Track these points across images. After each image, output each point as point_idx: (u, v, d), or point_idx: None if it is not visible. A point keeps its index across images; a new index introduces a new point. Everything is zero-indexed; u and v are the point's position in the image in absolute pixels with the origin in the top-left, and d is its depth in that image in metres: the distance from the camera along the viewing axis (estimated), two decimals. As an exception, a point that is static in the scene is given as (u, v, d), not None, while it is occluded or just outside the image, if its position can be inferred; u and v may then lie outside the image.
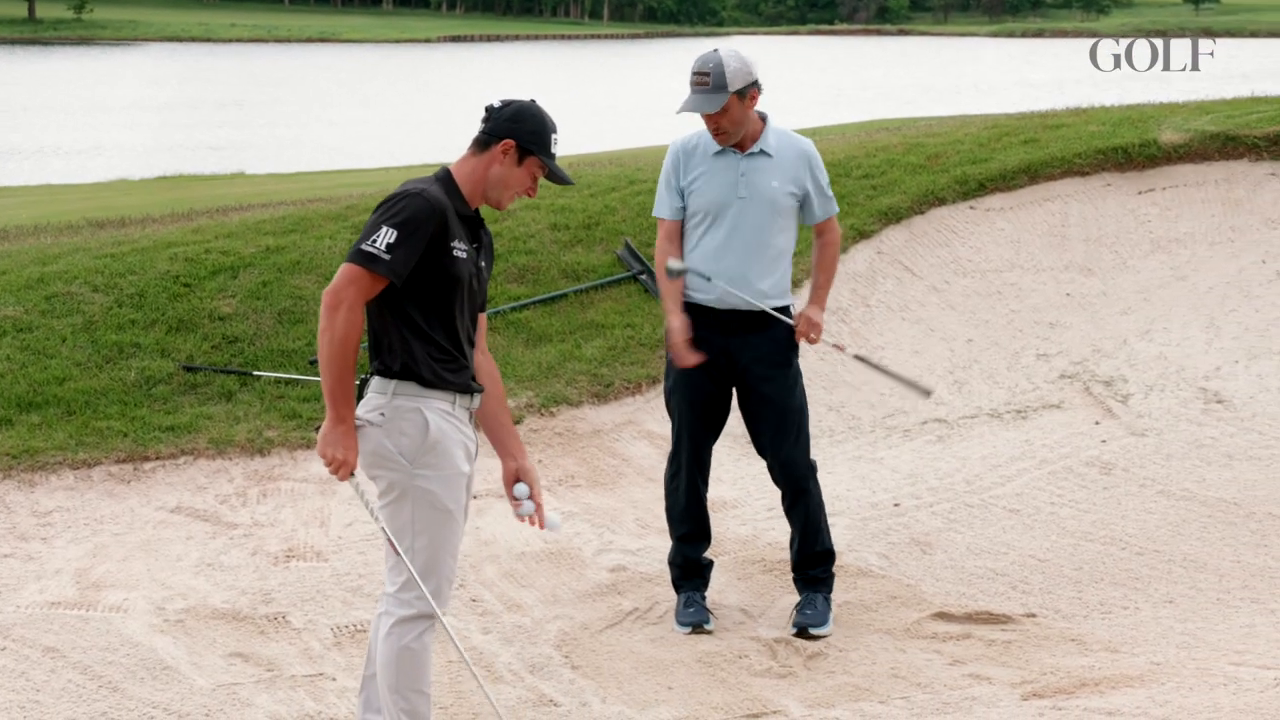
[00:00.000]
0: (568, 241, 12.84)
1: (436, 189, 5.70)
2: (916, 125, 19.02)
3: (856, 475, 9.85)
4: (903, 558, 8.55)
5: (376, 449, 5.70)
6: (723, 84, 7.32)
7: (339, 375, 5.52)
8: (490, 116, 5.83)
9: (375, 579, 8.17)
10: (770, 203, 7.49)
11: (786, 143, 7.59)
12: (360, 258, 5.51)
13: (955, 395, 11.28)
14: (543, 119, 5.86)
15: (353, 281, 5.52)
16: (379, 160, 36.83)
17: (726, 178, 7.51)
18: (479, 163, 5.82)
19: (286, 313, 11.54)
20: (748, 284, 7.50)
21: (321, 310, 5.55)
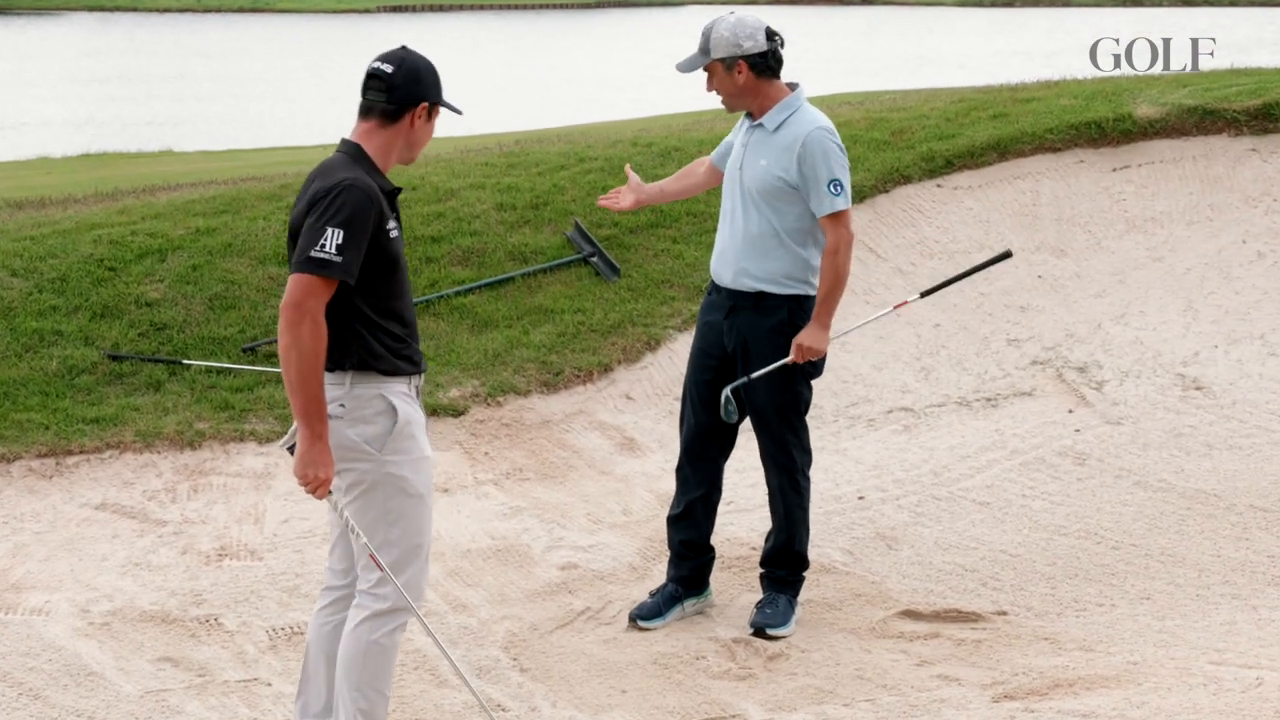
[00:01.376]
0: (514, 222, 12.82)
1: (363, 174, 5.74)
2: (880, 99, 19.03)
3: (819, 467, 9.83)
4: (867, 553, 8.58)
5: (341, 441, 5.74)
6: (706, 48, 7.46)
7: (314, 391, 5.57)
8: (389, 85, 5.84)
9: (313, 579, 8.15)
10: (757, 179, 7.46)
11: (789, 122, 7.48)
12: (313, 265, 5.55)
13: (922, 383, 11.31)
14: (432, 66, 5.97)
15: (311, 292, 5.55)
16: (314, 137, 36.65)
17: (738, 147, 7.65)
18: (393, 134, 5.89)
19: (218, 298, 11.49)
20: (732, 262, 7.55)
21: (282, 326, 5.56)
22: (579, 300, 11.84)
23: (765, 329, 7.53)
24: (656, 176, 13.22)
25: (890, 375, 11.42)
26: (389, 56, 5.90)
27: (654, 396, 10.95)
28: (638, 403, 10.91)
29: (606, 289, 11.97)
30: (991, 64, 52.68)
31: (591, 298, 11.90)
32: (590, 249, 12.29)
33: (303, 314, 5.53)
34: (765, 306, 7.53)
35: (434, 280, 11.97)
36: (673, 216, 12.94)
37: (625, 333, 11.46)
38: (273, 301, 11.48)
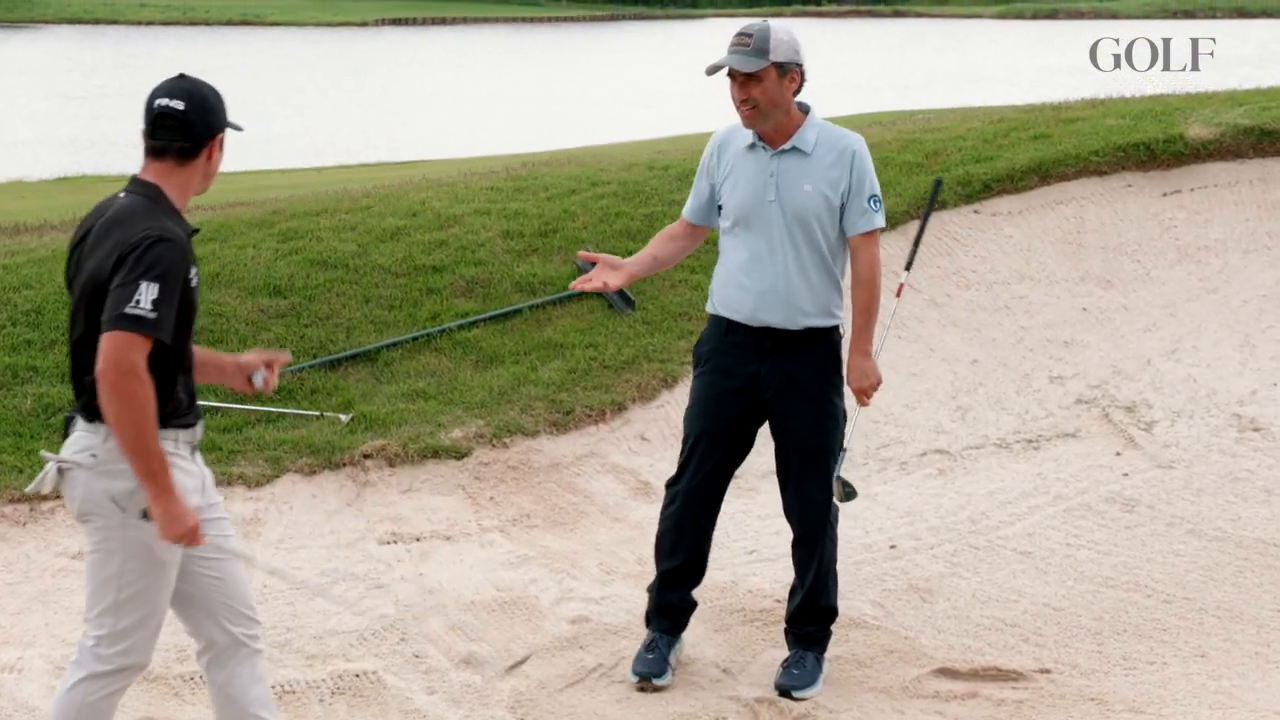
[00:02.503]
0: (521, 251, 12.85)
1: (165, 221, 5.74)
2: (913, 119, 19.08)
3: (847, 514, 9.83)
4: (900, 607, 8.56)
5: (86, 495, 5.77)
6: (764, 49, 7.27)
7: (155, 449, 5.61)
8: (184, 123, 5.82)
9: (305, 634, 8.15)
10: (799, 208, 7.39)
11: (827, 138, 7.47)
12: (130, 322, 5.55)
13: (959, 423, 11.31)
14: (217, 92, 5.98)
15: (131, 347, 5.55)
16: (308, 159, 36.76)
17: (756, 179, 7.44)
18: (188, 172, 5.90)
19: (204, 331, 11.50)
20: (784, 304, 7.45)
21: (107, 389, 5.55)
22: (591, 334, 11.85)
23: (814, 365, 7.54)
24: (675, 202, 13.27)
25: (924, 415, 11.41)
26: (174, 91, 5.86)
27: (670, 438, 10.94)
28: (653, 444, 10.91)
29: (620, 322, 11.98)
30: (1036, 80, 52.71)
31: (604, 332, 11.91)
32: (603, 279, 12.30)
33: (127, 374, 5.53)
34: (812, 341, 7.51)
35: (436, 313, 12.00)
36: (691, 245, 12.93)
37: (640, 369, 11.46)
38: (264, 335, 11.51)
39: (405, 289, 12.24)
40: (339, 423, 10.63)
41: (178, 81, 5.90)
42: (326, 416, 10.71)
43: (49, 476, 5.84)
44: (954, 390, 11.71)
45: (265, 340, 11.46)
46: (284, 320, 11.76)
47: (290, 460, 10.17)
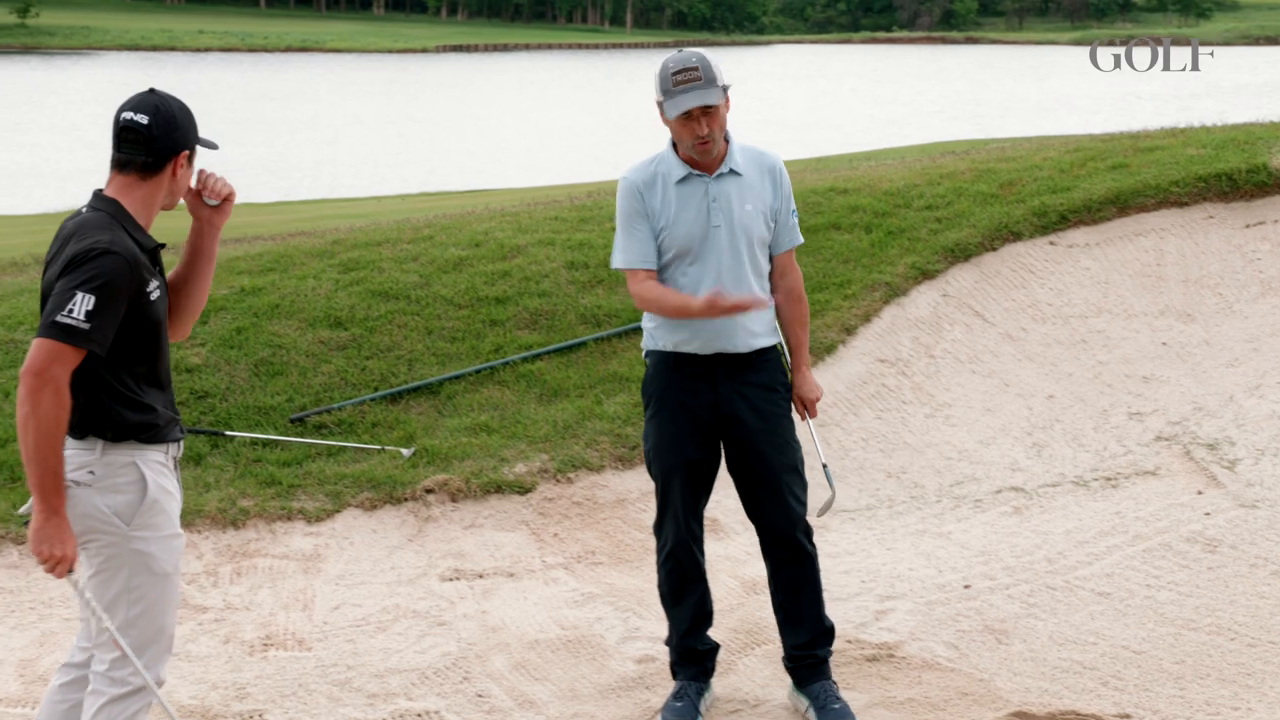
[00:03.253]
0: (586, 282, 12.88)
1: (120, 234, 5.81)
2: (987, 148, 19.05)
3: (920, 552, 9.84)
4: (975, 648, 8.53)
5: (88, 512, 5.86)
6: (714, 77, 7.31)
7: (51, 464, 5.68)
8: (147, 138, 5.92)
9: (367, 671, 8.19)
10: (745, 229, 7.47)
11: (752, 158, 7.59)
12: (59, 331, 5.63)
13: (1034, 460, 11.27)
14: (186, 108, 6.06)
15: (55, 358, 5.63)
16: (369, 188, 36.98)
17: (698, 208, 7.46)
18: (153, 187, 5.99)
19: (264, 364, 11.60)
20: (738, 328, 7.50)
21: (22, 393, 5.65)
22: (657, 368, 11.86)
23: (769, 385, 7.61)
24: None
25: (999, 452, 11.38)
26: (140, 105, 5.95)
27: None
28: (720, 480, 10.88)
29: (687, 355, 11.99)
30: (1115, 108, 52.53)
31: (670, 365, 11.91)
32: (669, 311, 12.33)
33: (44, 382, 5.62)
34: (761, 362, 7.59)
35: (499, 345, 12.05)
36: (760, 276, 12.96)
37: (707, 403, 11.45)
38: (324, 367, 11.59)
39: (468, 321, 12.30)
40: (401, 457, 10.68)
41: (146, 96, 5.99)
42: (388, 450, 10.77)
43: None
44: (1029, 426, 11.67)
45: (326, 373, 11.54)
46: (345, 352, 11.83)
47: (351, 495, 10.23)
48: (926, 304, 12.82)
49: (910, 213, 13.97)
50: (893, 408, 11.78)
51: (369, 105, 73.78)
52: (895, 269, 13.08)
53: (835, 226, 13.84)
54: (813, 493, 7.93)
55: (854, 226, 13.85)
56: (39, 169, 42.41)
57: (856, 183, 15.10)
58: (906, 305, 12.77)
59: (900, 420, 11.60)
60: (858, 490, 10.86)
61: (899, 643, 8.35)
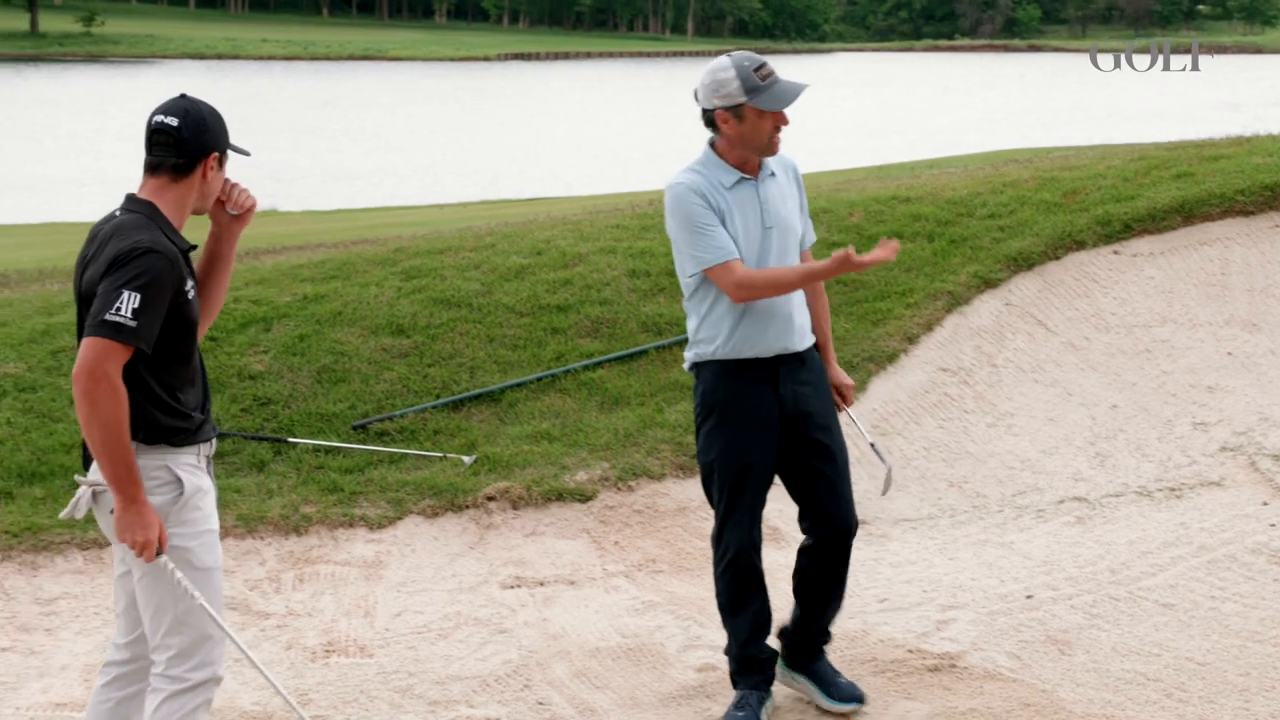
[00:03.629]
0: (648, 290, 12.90)
1: (159, 234, 5.91)
2: (1051, 156, 18.98)
3: (982, 562, 9.81)
4: (1037, 659, 8.50)
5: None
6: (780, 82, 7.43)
7: (122, 456, 5.79)
8: (176, 140, 6.01)
9: (428, 678, 8.21)
10: (791, 228, 7.60)
11: (778, 160, 7.67)
12: (108, 329, 5.73)
13: (1098, 470, 11.23)
14: (217, 112, 6.15)
15: (107, 356, 5.74)
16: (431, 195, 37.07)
17: (752, 211, 7.52)
18: (182, 188, 6.08)
19: (327, 371, 11.65)
20: (793, 323, 7.58)
21: (78, 395, 5.76)
22: (718, 376, 11.85)
23: (819, 377, 7.75)
24: (804, 241, 13.29)
25: (1061, 461, 11.34)
26: (171, 108, 6.06)
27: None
28: (781, 489, 10.85)
29: (748, 364, 11.98)
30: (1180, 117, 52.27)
31: (732, 373, 11.91)
32: (731, 320, 12.32)
33: (97, 380, 5.72)
34: (809, 361, 7.71)
35: (560, 353, 12.07)
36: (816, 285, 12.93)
37: (769, 412, 11.45)
38: (386, 374, 11.63)
39: (529, 328, 12.33)
40: (462, 464, 10.71)
41: (177, 100, 6.10)
42: (449, 458, 10.80)
43: (82, 501, 6.05)
44: (1093, 436, 11.63)
45: (388, 380, 11.58)
46: (406, 360, 11.87)
47: (413, 502, 10.27)
48: (989, 313, 12.79)
49: (973, 221, 13.93)
50: (955, 417, 11.75)
51: (431, 113, 74.01)
52: (958, 278, 13.05)
53: (897, 235, 13.81)
54: (862, 481, 7.92)
55: (916, 235, 13.82)
56: (104, 176, 42.66)
57: (919, 191, 15.07)
58: (969, 314, 12.73)
59: (962, 429, 11.56)
60: (919, 499, 10.84)
61: (961, 653, 8.33)
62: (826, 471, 7.66)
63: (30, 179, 43.63)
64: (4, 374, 11.40)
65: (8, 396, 11.16)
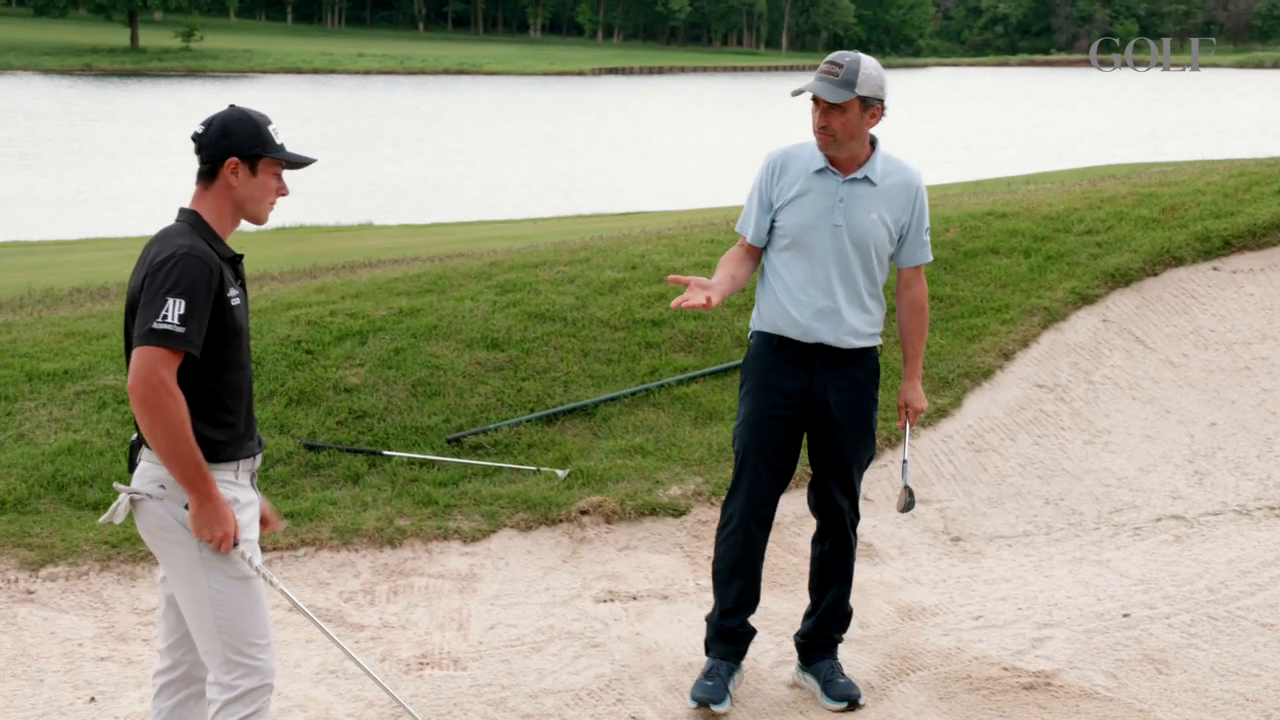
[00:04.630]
0: (742, 305, 12.89)
1: (199, 240, 5.99)
2: (1149, 172, 18.86)
3: (1078, 580, 9.75)
4: (1134, 678, 8.43)
5: (160, 522, 6.06)
6: (852, 81, 7.56)
7: (190, 457, 5.87)
8: (200, 144, 6.12)
9: (522, 691, 8.23)
10: (867, 234, 7.73)
11: (893, 170, 7.82)
12: (158, 337, 5.81)
13: (1196, 488, 11.14)
14: (250, 119, 6.17)
15: (160, 364, 5.82)
16: (526, 209, 37.18)
17: (823, 201, 7.73)
18: (215, 195, 6.14)
19: (421, 384, 11.71)
20: (838, 321, 7.77)
21: (137, 405, 5.83)
22: (812, 391, 11.83)
23: (862, 381, 7.91)
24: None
25: (1159, 479, 11.26)
26: (206, 118, 6.18)
27: (893, 497, 10.90)
28: (875, 504, 10.88)
29: (843, 379, 11.95)
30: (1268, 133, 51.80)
31: (826, 388, 11.89)
32: (825, 335, 12.30)
33: (154, 388, 5.79)
34: (859, 360, 7.87)
35: (654, 368, 12.08)
36: (916, 300, 12.91)
37: (863, 427, 11.43)
38: (480, 388, 11.68)
39: (624, 343, 12.35)
40: (556, 478, 10.74)
41: (218, 111, 6.19)
42: (543, 471, 10.83)
43: (121, 507, 6.12)
44: (1191, 454, 11.53)
45: (482, 394, 11.62)
46: (501, 373, 11.91)
47: (506, 515, 10.30)
48: (1086, 329, 12.72)
49: (1070, 237, 13.85)
50: (1051, 434, 11.69)
51: (525, 128, 74.26)
52: (1054, 294, 12.99)
53: (994, 251, 13.77)
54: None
55: (1013, 251, 13.77)
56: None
57: (1015, 207, 15.01)
58: (1066, 330, 12.67)
59: (1059, 446, 11.50)
60: (1015, 516, 10.78)
61: (1056, 671, 8.28)
62: (833, 466, 7.97)
63: (133, 191, 44.07)
64: (104, 385, 11.52)
65: (107, 408, 11.27)
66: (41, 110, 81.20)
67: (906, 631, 8.93)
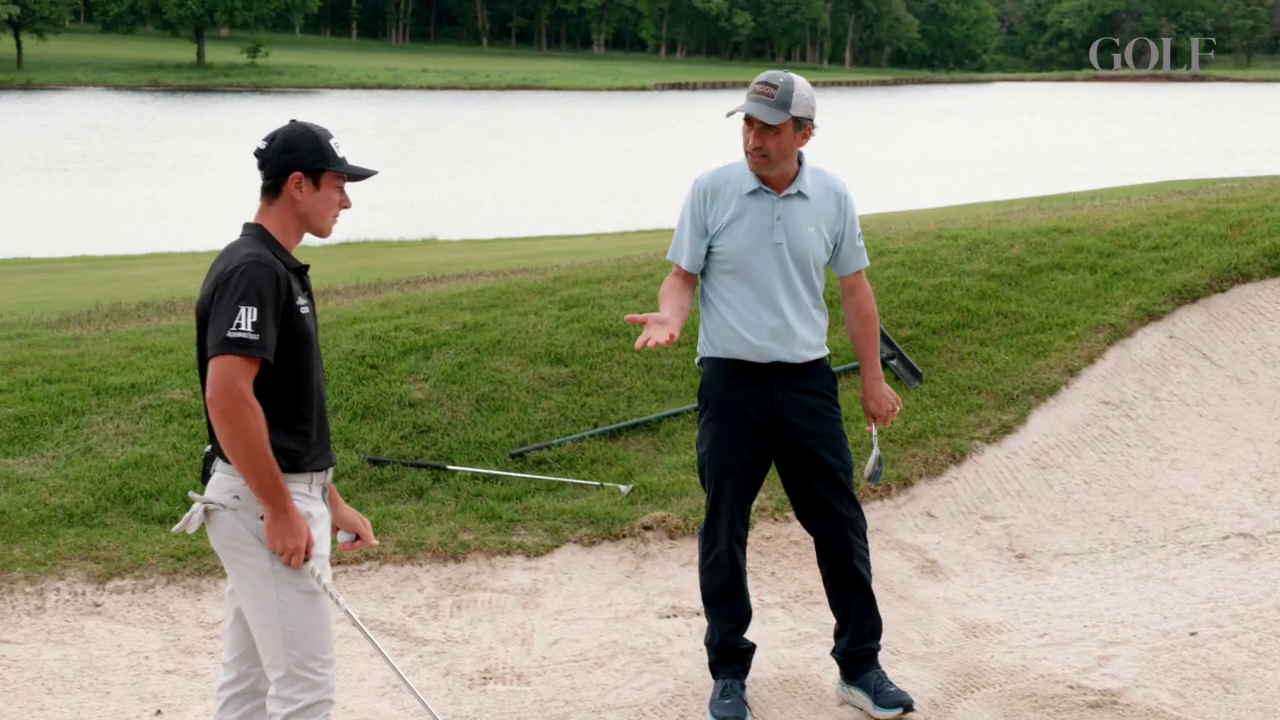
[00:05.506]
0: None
1: (265, 250, 6.05)
2: (1216, 188, 18.76)
3: (1144, 598, 9.70)
4: (1201, 697, 8.38)
5: (232, 533, 6.09)
6: (786, 102, 7.66)
7: (267, 469, 5.92)
8: (262, 160, 6.18)
9: (585, 706, 8.24)
10: (807, 249, 7.84)
11: (820, 182, 7.94)
12: (233, 346, 5.88)
13: (1264, 505, 11.06)
14: (312, 133, 6.22)
15: (239, 373, 5.89)
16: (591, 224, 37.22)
17: (762, 221, 7.83)
18: (279, 209, 6.20)
19: (485, 399, 11.73)
20: (790, 339, 7.87)
21: (216, 416, 5.89)
22: (876, 407, 11.80)
23: (823, 391, 8.00)
24: (963, 272, 13.24)
25: (1226, 496, 11.19)
26: (268, 133, 6.23)
27: (959, 514, 10.88)
28: (940, 521, 10.85)
29: (906, 395, 11.94)
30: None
31: (890, 405, 11.86)
32: (889, 351, 12.28)
33: (233, 399, 5.86)
34: (815, 371, 7.97)
35: (717, 383, 12.06)
36: (981, 317, 12.88)
37: (927, 444, 11.41)
38: (544, 403, 11.70)
39: (687, 358, 12.34)
40: (619, 493, 10.75)
41: (280, 126, 6.25)
42: (607, 487, 10.84)
43: (195, 517, 6.16)
44: (1259, 471, 11.46)
45: (546, 409, 11.64)
46: (564, 388, 11.93)
47: (570, 530, 10.31)
48: (1152, 346, 12.65)
49: (1136, 253, 13.79)
50: (1116, 450, 11.63)
51: (588, 142, 74.38)
52: (1120, 310, 12.93)
53: (1059, 267, 13.72)
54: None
55: (1078, 267, 13.72)
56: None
57: (1080, 222, 14.95)
58: (1131, 347, 12.61)
59: (1124, 463, 11.44)
60: (1080, 533, 10.73)
61: (1122, 689, 8.24)
62: (820, 480, 8.01)
63: (201, 206, 44.35)
64: (170, 399, 11.59)
65: (174, 422, 11.34)
66: (114, 125, 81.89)
67: (971, 649, 8.89)
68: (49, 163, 60.93)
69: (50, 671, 8.76)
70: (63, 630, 9.19)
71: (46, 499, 10.38)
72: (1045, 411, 11.92)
